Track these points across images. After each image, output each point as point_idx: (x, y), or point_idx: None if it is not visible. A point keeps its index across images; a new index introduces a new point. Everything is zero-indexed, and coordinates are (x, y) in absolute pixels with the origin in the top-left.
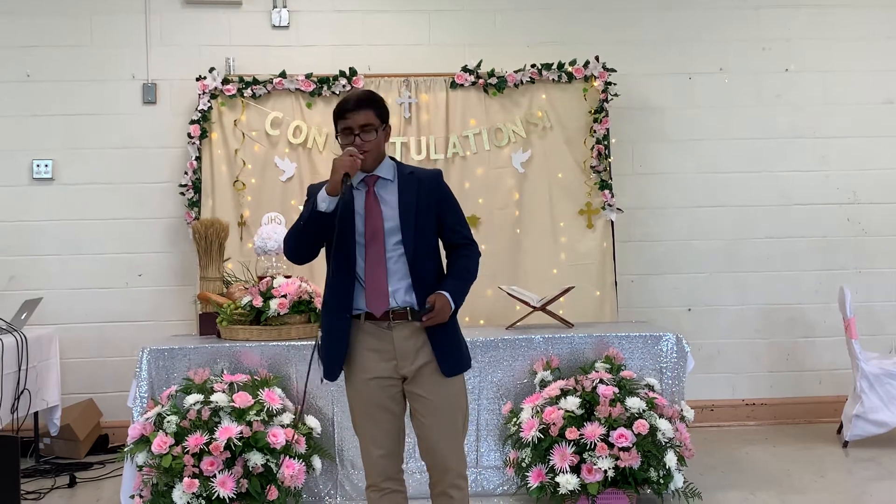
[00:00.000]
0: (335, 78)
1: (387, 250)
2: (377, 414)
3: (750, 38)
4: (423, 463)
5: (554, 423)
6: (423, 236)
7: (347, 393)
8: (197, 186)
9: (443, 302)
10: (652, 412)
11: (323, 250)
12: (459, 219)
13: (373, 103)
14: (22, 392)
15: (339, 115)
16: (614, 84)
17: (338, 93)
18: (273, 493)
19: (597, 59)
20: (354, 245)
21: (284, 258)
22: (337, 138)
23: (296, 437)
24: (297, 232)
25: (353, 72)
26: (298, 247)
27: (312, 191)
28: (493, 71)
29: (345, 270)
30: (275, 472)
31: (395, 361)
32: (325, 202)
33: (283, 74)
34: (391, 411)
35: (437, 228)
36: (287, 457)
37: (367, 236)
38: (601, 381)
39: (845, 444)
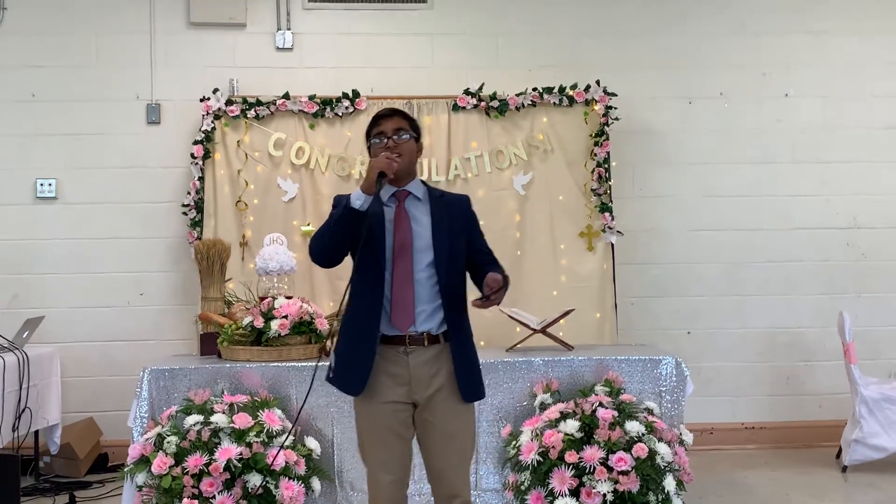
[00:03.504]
0: (338, 99)
1: (416, 270)
2: (388, 439)
3: (750, 64)
4: (418, 486)
5: (553, 447)
6: (455, 261)
7: (357, 417)
8: (199, 206)
9: (498, 279)
10: (651, 436)
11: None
12: (485, 241)
13: (405, 115)
14: (23, 410)
15: (373, 124)
16: (615, 108)
17: (340, 114)
18: None
19: (598, 83)
20: (384, 258)
21: (286, 278)
22: (369, 150)
23: (296, 458)
24: (327, 231)
25: (356, 94)
26: (328, 247)
27: (340, 200)
28: (494, 94)
29: (374, 282)
30: (274, 493)
31: (409, 387)
32: (359, 199)
33: (286, 96)
34: (402, 436)
35: (467, 253)
36: (286, 478)
37: (396, 250)
38: (601, 405)
39: (844, 469)
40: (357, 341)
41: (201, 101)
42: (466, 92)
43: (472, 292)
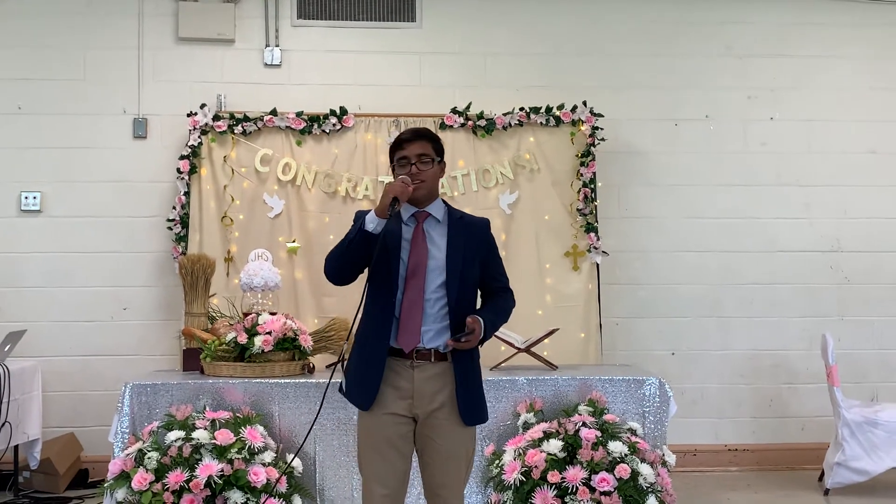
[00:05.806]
0: (325, 116)
1: (427, 290)
2: (386, 450)
3: (735, 87)
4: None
5: (536, 466)
6: (466, 284)
7: (359, 427)
8: (185, 221)
9: (479, 326)
10: (634, 456)
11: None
12: (501, 267)
13: (430, 137)
14: (3, 425)
15: (396, 146)
16: (601, 129)
17: (328, 131)
18: None
19: (584, 103)
20: (398, 276)
21: (270, 294)
22: (393, 170)
23: (278, 476)
24: (341, 251)
25: (343, 111)
26: (342, 266)
27: (360, 215)
28: (482, 113)
29: (385, 299)
30: None
31: (412, 400)
32: (373, 223)
33: (273, 112)
34: (400, 450)
35: (480, 277)
36: (268, 495)
37: (409, 270)
38: (584, 425)
39: (827, 492)
40: (367, 357)
41: (188, 116)
42: (454, 111)
43: None
